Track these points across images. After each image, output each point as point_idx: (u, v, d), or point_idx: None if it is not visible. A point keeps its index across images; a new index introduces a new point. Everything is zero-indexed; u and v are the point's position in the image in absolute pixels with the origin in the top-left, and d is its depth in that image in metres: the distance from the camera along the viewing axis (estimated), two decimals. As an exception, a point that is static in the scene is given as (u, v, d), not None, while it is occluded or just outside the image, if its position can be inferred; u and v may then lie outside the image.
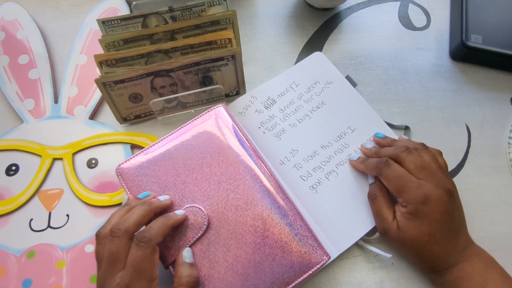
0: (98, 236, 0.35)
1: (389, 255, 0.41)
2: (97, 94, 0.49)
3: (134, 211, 0.36)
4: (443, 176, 0.39)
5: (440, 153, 0.42)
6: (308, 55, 0.52)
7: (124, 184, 0.41)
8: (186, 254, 0.37)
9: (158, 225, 0.35)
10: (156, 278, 0.33)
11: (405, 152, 0.40)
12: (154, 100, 0.45)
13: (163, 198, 0.39)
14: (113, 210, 0.44)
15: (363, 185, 0.44)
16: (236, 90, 0.49)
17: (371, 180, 0.44)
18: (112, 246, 0.33)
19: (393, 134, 0.47)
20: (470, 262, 0.37)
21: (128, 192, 0.41)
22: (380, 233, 0.41)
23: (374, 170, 0.41)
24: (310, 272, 0.37)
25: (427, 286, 0.42)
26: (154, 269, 0.33)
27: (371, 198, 0.42)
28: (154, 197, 0.40)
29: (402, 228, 0.38)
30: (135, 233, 0.34)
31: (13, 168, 0.46)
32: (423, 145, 0.42)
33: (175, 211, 0.38)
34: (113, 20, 0.44)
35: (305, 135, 0.47)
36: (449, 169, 0.47)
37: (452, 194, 0.38)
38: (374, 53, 0.54)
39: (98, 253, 0.35)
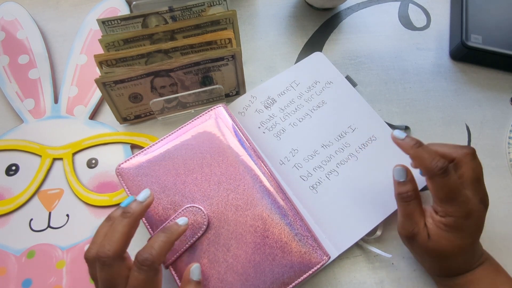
0: (87, 259, 0.32)
1: (389, 255, 0.41)
2: (97, 94, 0.49)
3: (117, 228, 0.32)
4: (485, 189, 0.37)
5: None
6: (308, 55, 0.52)
7: (124, 184, 0.41)
8: (193, 271, 0.35)
9: (160, 244, 0.32)
10: None
11: (470, 156, 0.36)
12: (154, 100, 0.45)
13: (142, 196, 0.34)
14: (113, 210, 0.44)
15: (363, 185, 0.44)
16: (236, 90, 0.49)
17: (401, 178, 0.38)
18: (104, 275, 0.31)
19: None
20: (483, 266, 0.37)
21: (128, 192, 0.41)
22: (402, 236, 0.38)
23: (426, 169, 0.36)
24: (310, 272, 0.37)
25: (427, 286, 0.42)
26: None
27: (404, 199, 0.37)
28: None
29: (433, 238, 0.35)
30: (137, 253, 0.32)
31: (13, 168, 0.46)
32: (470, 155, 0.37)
33: (177, 220, 0.36)
34: (113, 20, 0.44)
35: (306, 135, 0.47)
36: (449, 169, 0.48)
37: (487, 207, 0.37)
38: (374, 53, 0.54)
39: (93, 275, 0.33)
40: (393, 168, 0.38)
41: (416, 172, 0.39)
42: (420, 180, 0.40)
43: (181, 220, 0.36)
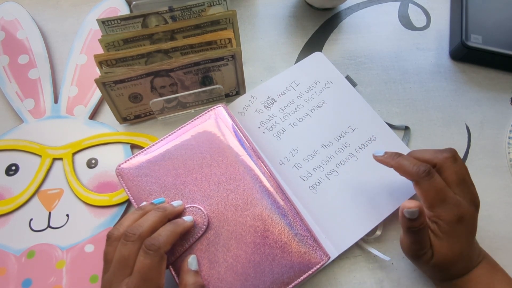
0: (110, 237, 0.35)
1: (387, 258, 0.41)
2: (97, 94, 0.49)
3: (149, 217, 0.36)
4: (474, 189, 0.37)
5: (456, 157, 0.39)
6: (308, 55, 0.52)
7: (124, 184, 0.41)
8: (191, 261, 0.36)
9: (167, 233, 0.35)
10: (163, 286, 0.33)
11: (451, 160, 0.36)
12: (154, 100, 0.45)
13: (177, 204, 0.39)
14: (113, 210, 0.44)
15: (363, 185, 0.44)
16: (236, 90, 0.49)
17: (413, 216, 0.35)
18: (124, 250, 0.33)
19: (393, 134, 0.47)
20: (480, 265, 0.37)
21: (128, 192, 0.41)
22: (407, 255, 0.38)
23: (410, 175, 0.37)
24: (310, 272, 0.37)
25: (427, 286, 0.42)
26: (161, 277, 0.33)
27: (414, 231, 0.36)
28: (168, 203, 0.39)
29: (436, 252, 0.36)
30: (145, 240, 0.34)
31: (13, 168, 0.46)
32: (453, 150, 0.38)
33: (183, 217, 0.38)
34: (113, 20, 0.44)
35: (305, 135, 0.47)
36: (449, 169, 0.48)
37: (478, 208, 0.37)
38: (374, 53, 0.54)
39: (107, 254, 0.35)
40: (404, 210, 0.36)
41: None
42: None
43: (187, 218, 0.38)
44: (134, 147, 0.48)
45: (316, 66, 0.51)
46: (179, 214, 0.39)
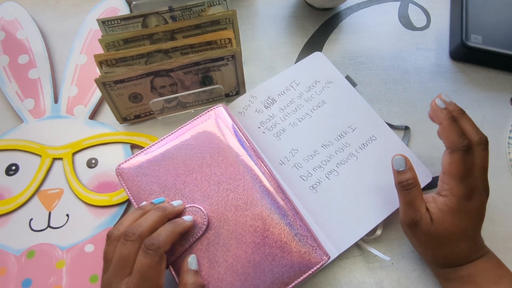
0: (110, 237, 0.35)
1: (387, 258, 0.41)
2: (97, 94, 0.49)
3: (149, 217, 0.36)
4: (487, 180, 0.38)
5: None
6: (308, 55, 0.52)
7: (124, 184, 0.41)
8: (191, 261, 0.36)
9: (167, 233, 0.35)
10: (162, 286, 0.33)
11: (483, 145, 0.37)
12: (154, 100, 0.45)
13: (176, 203, 0.39)
14: (113, 210, 0.44)
15: (363, 185, 0.44)
16: (236, 90, 0.49)
17: (400, 167, 0.39)
18: (123, 249, 0.33)
19: (393, 134, 0.47)
20: (485, 258, 0.37)
21: (128, 192, 0.41)
22: (405, 225, 0.38)
23: (451, 141, 0.37)
24: (310, 272, 0.37)
25: (427, 286, 0.42)
26: (160, 277, 0.33)
27: (405, 187, 0.38)
28: (168, 202, 0.40)
29: (437, 221, 0.36)
30: (144, 240, 0.34)
31: (13, 168, 0.46)
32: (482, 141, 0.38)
33: (183, 217, 0.38)
34: (113, 20, 0.44)
35: (305, 134, 0.47)
36: (449, 169, 0.48)
37: (488, 196, 0.38)
38: (374, 53, 0.54)
39: (107, 254, 0.35)
40: (392, 158, 0.39)
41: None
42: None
43: (187, 217, 0.38)
44: (134, 147, 0.48)
45: (316, 66, 0.51)
46: (179, 214, 0.39)
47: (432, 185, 0.45)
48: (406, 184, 0.38)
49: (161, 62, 0.42)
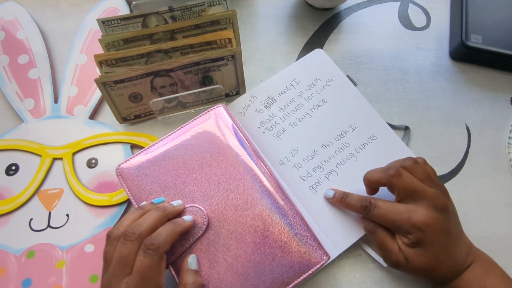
0: (110, 237, 0.35)
1: (385, 264, 0.41)
2: (97, 94, 0.49)
3: (149, 216, 0.36)
4: (432, 191, 0.37)
5: (424, 161, 0.40)
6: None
7: (124, 184, 0.41)
8: (191, 261, 0.36)
9: (167, 232, 0.35)
10: (162, 286, 0.33)
11: (396, 177, 0.37)
12: (154, 100, 0.45)
13: (176, 203, 0.39)
14: (113, 210, 0.44)
15: (363, 185, 0.44)
16: (236, 90, 0.49)
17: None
18: (123, 249, 0.33)
19: (393, 134, 0.47)
20: (470, 269, 0.37)
21: (128, 192, 0.41)
22: (390, 265, 0.39)
23: (359, 211, 0.40)
24: (310, 272, 0.37)
25: (426, 286, 0.42)
26: (160, 277, 0.33)
27: (370, 232, 0.40)
28: (167, 202, 0.40)
29: (410, 258, 0.36)
30: (144, 240, 0.34)
31: (13, 168, 0.46)
32: (412, 159, 0.39)
33: (183, 217, 0.38)
34: (113, 20, 0.44)
35: (305, 134, 0.47)
36: (449, 169, 0.48)
37: (446, 209, 0.37)
38: (374, 53, 0.54)
39: (107, 254, 0.35)
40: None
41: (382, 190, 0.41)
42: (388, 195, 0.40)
43: (187, 217, 0.38)
44: (134, 147, 0.48)
45: (317, 63, 0.51)
46: (179, 213, 0.39)
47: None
48: (370, 229, 0.40)
49: (161, 62, 0.42)
